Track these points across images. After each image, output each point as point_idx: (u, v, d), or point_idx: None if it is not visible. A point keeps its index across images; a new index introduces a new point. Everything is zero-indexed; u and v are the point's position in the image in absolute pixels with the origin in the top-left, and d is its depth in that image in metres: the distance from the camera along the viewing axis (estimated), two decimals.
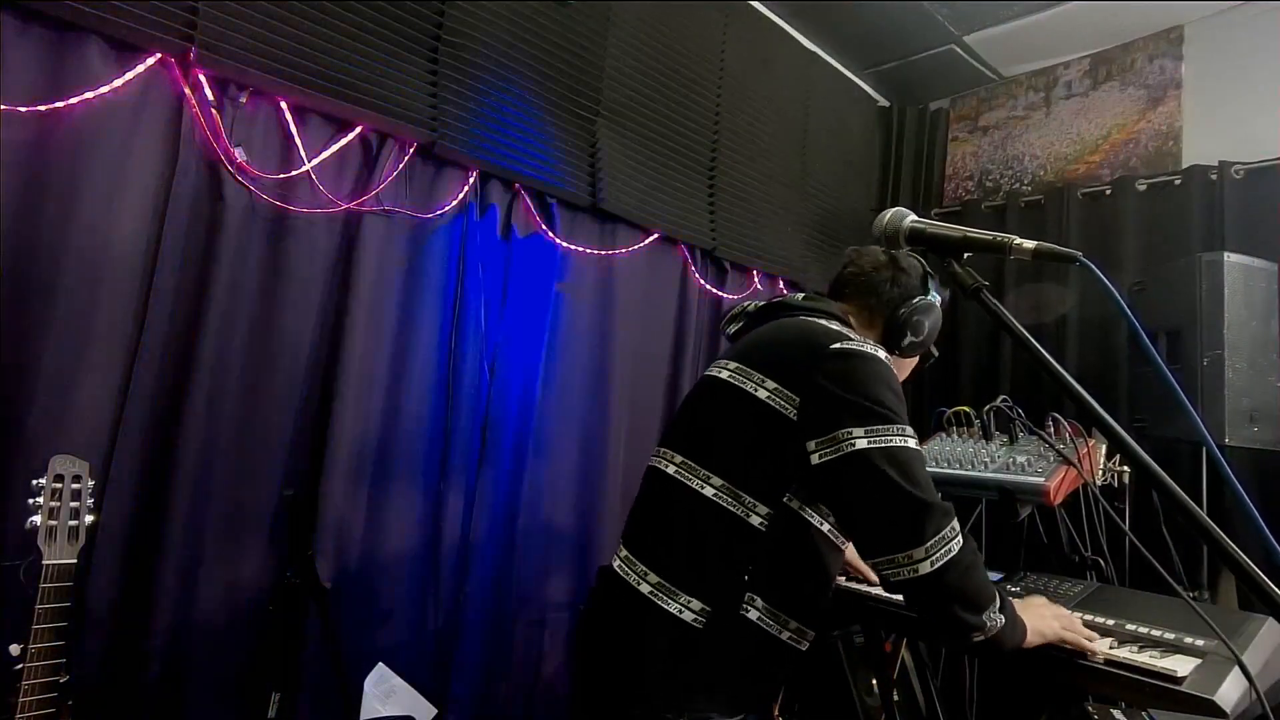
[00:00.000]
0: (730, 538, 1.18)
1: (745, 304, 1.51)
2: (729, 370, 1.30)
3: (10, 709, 1.25)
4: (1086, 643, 1.27)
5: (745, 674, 1.20)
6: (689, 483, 1.24)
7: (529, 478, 2.33)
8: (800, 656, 1.25)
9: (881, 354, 1.23)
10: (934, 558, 1.08)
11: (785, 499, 1.18)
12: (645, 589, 1.20)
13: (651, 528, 1.30)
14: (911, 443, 1.15)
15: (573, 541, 2.48)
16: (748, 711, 1.21)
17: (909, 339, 1.39)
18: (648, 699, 1.16)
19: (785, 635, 1.21)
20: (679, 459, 1.28)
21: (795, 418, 1.17)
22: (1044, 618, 1.28)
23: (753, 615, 1.17)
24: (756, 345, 1.33)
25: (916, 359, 1.49)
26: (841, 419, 1.14)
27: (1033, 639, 1.24)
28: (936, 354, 1.51)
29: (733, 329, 1.50)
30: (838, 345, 1.20)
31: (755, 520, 1.17)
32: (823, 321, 1.32)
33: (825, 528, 1.22)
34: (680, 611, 1.16)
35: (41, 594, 1.28)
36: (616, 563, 1.30)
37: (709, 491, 1.21)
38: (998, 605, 1.15)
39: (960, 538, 1.12)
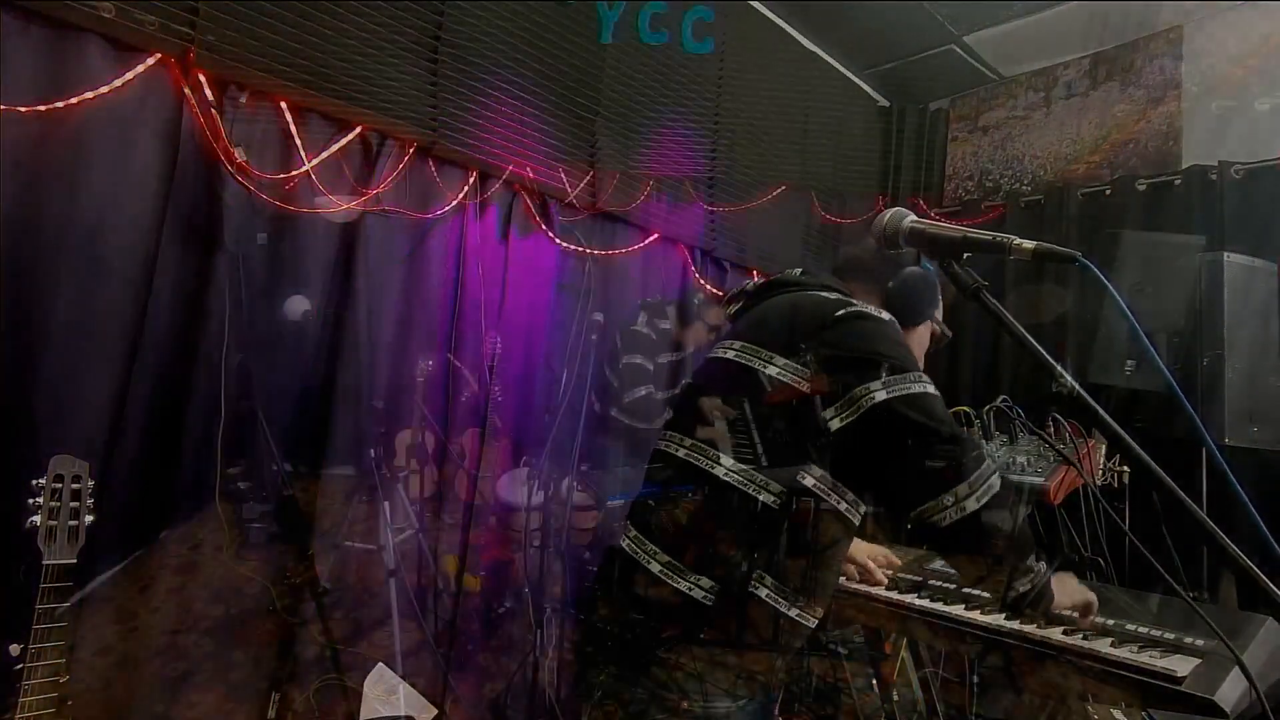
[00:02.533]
0: (741, 516, 1.18)
1: (745, 284, 1.50)
2: (735, 350, 1.29)
3: (10, 709, 1.25)
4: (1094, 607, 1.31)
5: (755, 651, 1.20)
6: (699, 463, 1.23)
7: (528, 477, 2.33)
8: (809, 633, 1.25)
9: (886, 315, 1.23)
10: (978, 493, 1.07)
11: (798, 476, 1.18)
12: (655, 568, 1.19)
13: (661, 508, 1.30)
14: (930, 388, 1.14)
15: (574, 540, 2.47)
16: (753, 695, 1.20)
17: (903, 304, 1.36)
18: (657, 678, 1.16)
19: (794, 612, 1.21)
20: (689, 441, 1.27)
21: (808, 390, 1.17)
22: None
23: (763, 593, 1.17)
24: (761, 322, 1.33)
25: (926, 335, 1.47)
26: (856, 378, 1.13)
27: (1061, 599, 1.26)
28: (949, 334, 1.50)
29: (733, 309, 1.49)
30: (841, 311, 1.21)
31: (766, 498, 1.17)
32: (823, 293, 1.31)
33: (843, 506, 1.22)
34: (690, 589, 1.16)
35: (41, 594, 1.28)
36: (626, 542, 1.29)
37: (720, 471, 1.20)
38: (1036, 554, 1.16)
39: (997, 473, 1.12)
